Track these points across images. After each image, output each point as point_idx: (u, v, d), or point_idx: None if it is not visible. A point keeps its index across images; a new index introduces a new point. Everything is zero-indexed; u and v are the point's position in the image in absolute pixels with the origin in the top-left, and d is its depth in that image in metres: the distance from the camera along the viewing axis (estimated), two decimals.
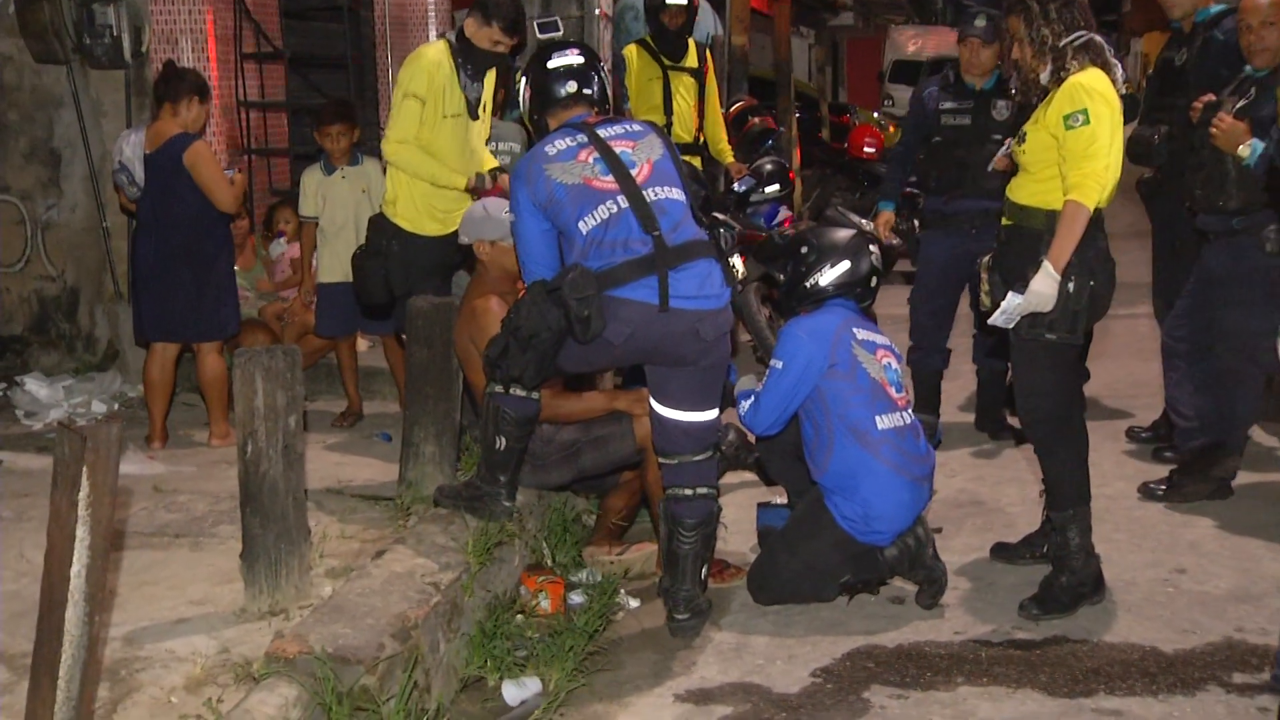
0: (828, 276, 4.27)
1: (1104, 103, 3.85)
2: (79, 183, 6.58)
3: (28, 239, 6.63)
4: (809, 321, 4.22)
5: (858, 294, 4.30)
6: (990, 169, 5.32)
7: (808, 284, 4.29)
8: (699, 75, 7.29)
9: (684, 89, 7.18)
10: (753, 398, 4.26)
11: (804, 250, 4.34)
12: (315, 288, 6.19)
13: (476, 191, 5.07)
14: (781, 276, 4.40)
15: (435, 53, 5.06)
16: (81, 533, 2.45)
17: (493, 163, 5.37)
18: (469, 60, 5.08)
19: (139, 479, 4.93)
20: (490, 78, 5.30)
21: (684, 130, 7.20)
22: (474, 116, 5.19)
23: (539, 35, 4.75)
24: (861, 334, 4.20)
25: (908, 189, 7.21)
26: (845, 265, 4.27)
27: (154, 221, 5.50)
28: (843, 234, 4.39)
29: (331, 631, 3.24)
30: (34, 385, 6.26)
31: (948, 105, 5.89)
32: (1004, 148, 4.94)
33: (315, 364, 6.54)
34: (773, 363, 4.19)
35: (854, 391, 4.10)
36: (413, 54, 5.15)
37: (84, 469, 2.44)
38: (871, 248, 4.35)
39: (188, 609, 3.67)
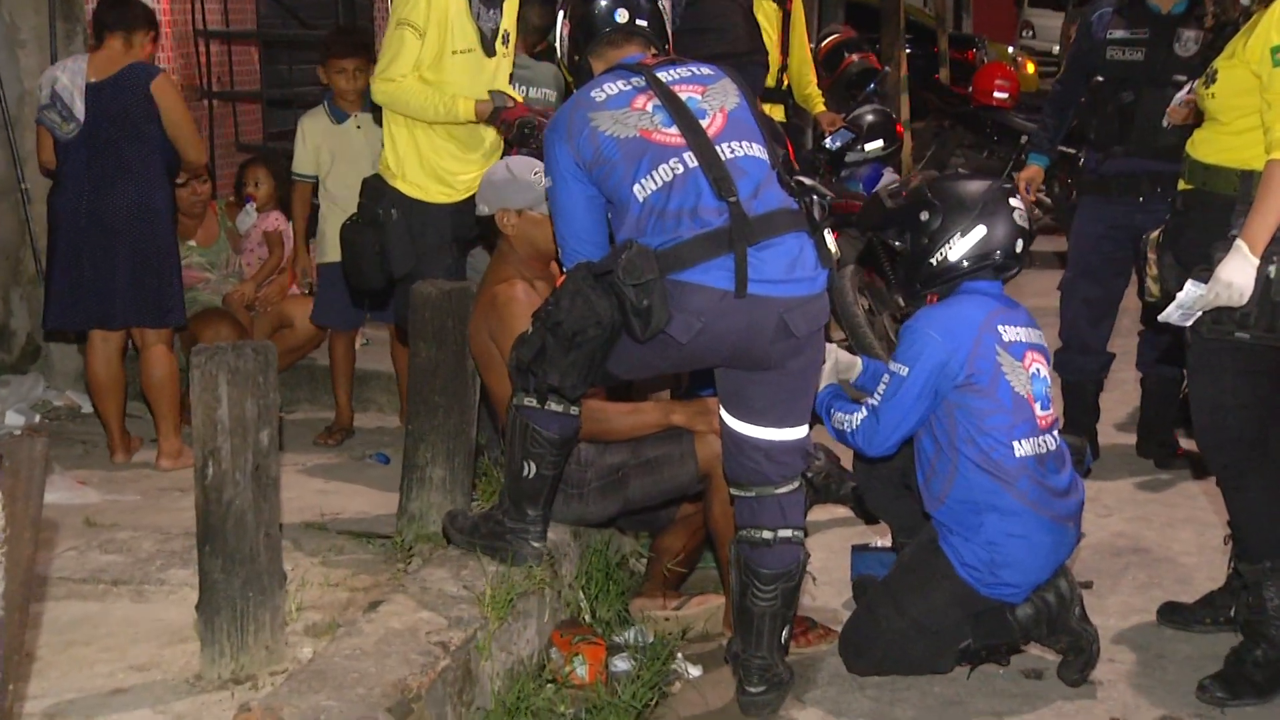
0: (958, 249, 4.20)
1: None
2: None
3: None
4: (943, 315, 4.16)
5: (998, 267, 4.24)
6: (1165, 123, 5.26)
7: (933, 261, 4.23)
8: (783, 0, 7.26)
9: (764, 18, 7.14)
10: (860, 411, 4.21)
11: (924, 215, 4.27)
12: (314, 267, 6.22)
13: (499, 114, 5.09)
14: (897, 246, 4.35)
15: None
16: None
17: (517, 97, 5.38)
18: None
19: (67, 510, 4.98)
20: (511, 4, 5.31)
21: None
22: (490, 53, 5.21)
23: None
24: (1009, 333, 4.14)
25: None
26: (980, 231, 4.20)
27: (92, 169, 5.59)
28: (974, 187, 4.32)
29: (312, 704, 3.24)
30: None
31: (1118, 34, 5.83)
32: (1182, 92, 4.84)
33: (294, 365, 6.58)
34: (894, 366, 4.15)
35: (992, 411, 4.06)
36: None
37: None
38: (1014, 202, 4.27)
39: (128, 676, 3.67)
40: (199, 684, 3.58)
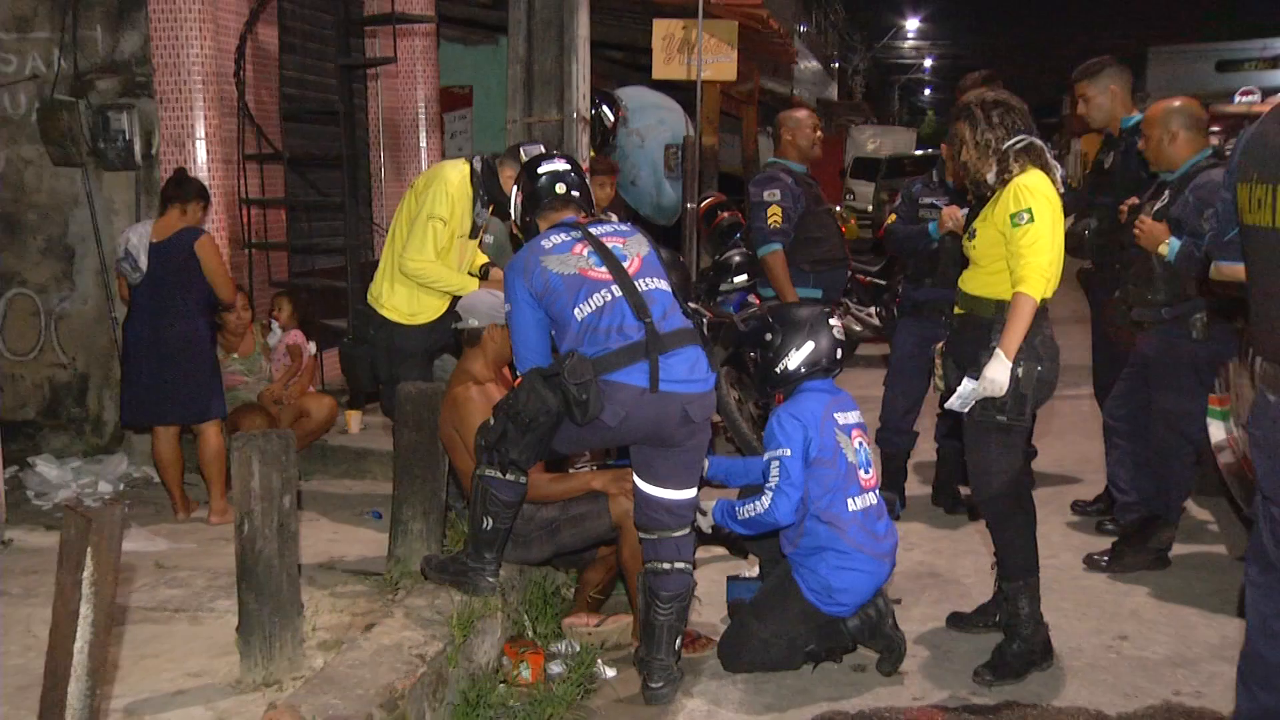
0: (795, 359, 4.26)
1: (1046, 202, 3.92)
2: (90, 276, 6.63)
3: (41, 329, 6.66)
4: (797, 409, 4.17)
5: (826, 369, 4.29)
6: (942, 229, 5.43)
7: (777, 370, 4.29)
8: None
9: None
10: (764, 496, 4.09)
11: (768, 336, 4.34)
12: None
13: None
14: (752, 356, 4.40)
15: (459, 179, 5.08)
16: (85, 610, 2.44)
17: (482, 258, 5.43)
18: (487, 191, 5.15)
19: (142, 555, 4.91)
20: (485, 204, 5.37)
21: None
22: (475, 236, 5.28)
23: (523, 154, 4.86)
24: (843, 418, 4.20)
25: (871, 279, 7.21)
26: (809, 346, 4.26)
27: (151, 306, 5.57)
28: (803, 313, 4.36)
29: (323, 702, 3.22)
30: (44, 467, 6.24)
31: (926, 200, 6.00)
32: (954, 219, 5.05)
33: (309, 446, 6.51)
34: (777, 454, 4.10)
35: (834, 477, 4.10)
36: (437, 175, 5.13)
37: (88, 550, 2.44)
38: (833, 321, 4.33)
39: (186, 680, 3.63)
40: (239, 686, 3.54)
